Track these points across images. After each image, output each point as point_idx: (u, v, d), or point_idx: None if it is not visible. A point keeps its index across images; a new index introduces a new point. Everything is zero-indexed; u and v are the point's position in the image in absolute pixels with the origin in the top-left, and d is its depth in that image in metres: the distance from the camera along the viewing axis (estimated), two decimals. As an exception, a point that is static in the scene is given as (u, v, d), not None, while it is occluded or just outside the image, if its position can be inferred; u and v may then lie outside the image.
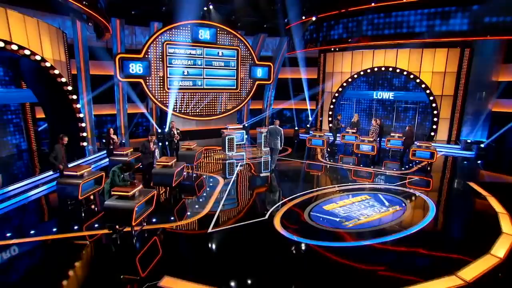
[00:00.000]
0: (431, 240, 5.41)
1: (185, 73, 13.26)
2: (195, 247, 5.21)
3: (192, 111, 13.87)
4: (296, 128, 16.26)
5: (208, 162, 10.48)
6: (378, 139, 11.13)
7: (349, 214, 6.31)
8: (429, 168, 9.85)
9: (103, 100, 13.07)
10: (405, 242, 5.34)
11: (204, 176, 8.73)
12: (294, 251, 5.03)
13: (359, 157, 10.98)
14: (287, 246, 5.19)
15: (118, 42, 12.14)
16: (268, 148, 9.28)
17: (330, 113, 15.95)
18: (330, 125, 16.20)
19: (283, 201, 6.89)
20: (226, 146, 11.01)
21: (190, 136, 13.70)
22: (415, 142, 10.36)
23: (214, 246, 5.22)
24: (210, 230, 5.69)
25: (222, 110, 14.73)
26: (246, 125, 16.63)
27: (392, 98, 14.94)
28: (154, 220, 6.03)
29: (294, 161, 10.60)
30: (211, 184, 8.11)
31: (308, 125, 16.61)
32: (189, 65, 13.28)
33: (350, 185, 8.17)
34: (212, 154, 11.63)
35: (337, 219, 6.10)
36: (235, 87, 14.73)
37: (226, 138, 10.97)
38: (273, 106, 18.18)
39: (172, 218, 6.15)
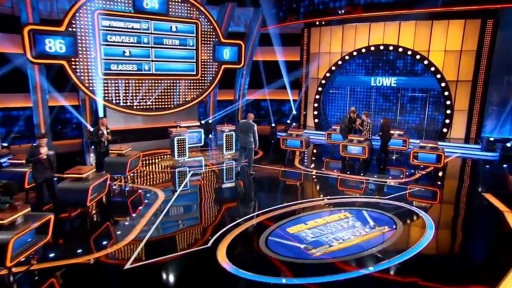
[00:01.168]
0: (423, 272, 5.19)
1: (126, 54, 12.83)
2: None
3: (139, 104, 13.52)
4: (273, 124, 16.10)
5: (149, 171, 10.20)
6: (371, 138, 11.04)
7: (319, 239, 6.08)
8: (440, 174, 9.89)
9: (14, 89, 12.45)
10: (388, 275, 5.09)
11: (140, 191, 8.44)
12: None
13: (348, 162, 10.97)
14: (228, 284, 4.86)
15: (28, 8, 11.48)
16: (237, 151, 9.35)
17: (316, 105, 15.85)
18: (314, 119, 16.02)
19: (237, 221, 6.71)
20: (175, 149, 10.67)
21: (136, 136, 13.48)
22: (419, 142, 10.25)
23: (128, 289, 4.84)
24: (128, 266, 5.31)
25: (179, 103, 14.51)
26: (210, 121, 16.38)
27: (395, 85, 14.95)
28: (52, 255, 5.59)
29: (265, 167, 10.60)
30: (146, 201, 7.82)
31: (288, 121, 16.46)
32: (132, 43, 12.86)
33: (328, 199, 8.07)
34: (157, 160, 11.36)
35: (302, 246, 5.83)
36: (194, 73, 14.51)
37: (175, 139, 10.64)
38: (247, 96, 18.12)
39: (80, 250, 5.72)
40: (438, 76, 13.63)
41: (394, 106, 15.55)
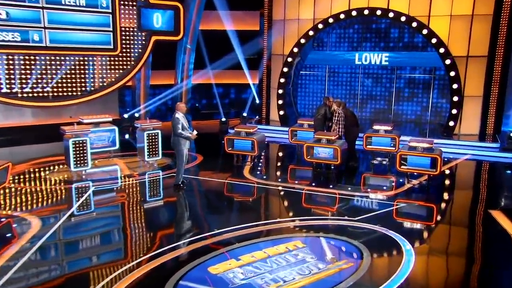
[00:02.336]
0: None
1: (2, 17, 12.38)
2: None
3: (30, 90, 13.22)
4: (223, 118, 16.12)
5: (27, 189, 9.78)
6: (342, 134, 11.16)
7: (251, 281, 5.89)
8: (437, 185, 10.04)
9: None
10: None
11: (4, 220, 8.00)
12: None
13: (315, 169, 11.08)
14: None
15: None
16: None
17: (280, 91, 15.84)
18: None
19: (141, 259, 6.54)
20: (71, 156, 10.29)
21: (21, 138, 13.27)
22: (408, 141, 10.25)
23: None
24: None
25: (93, 88, 14.28)
26: (138, 114, 16.27)
27: (387, 63, 15.10)
28: None
29: (203, 179, 10.71)
30: (8, 236, 7.40)
31: (245, 114, 16.61)
32: (10, 0, 12.31)
33: (279, 222, 8.00)
34: (43, 173, 11.00)
35: (224, 294, 5.63)
36: (111, 46, 14.31)
37: (70, 142, 10.29)
38: (193, 79, 18.24)
39: None
40: (442, 50, 13.74)
41: (387, 92, 15.69)
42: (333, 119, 11.10)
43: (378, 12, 14.22)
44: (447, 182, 10.71)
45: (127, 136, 14.61)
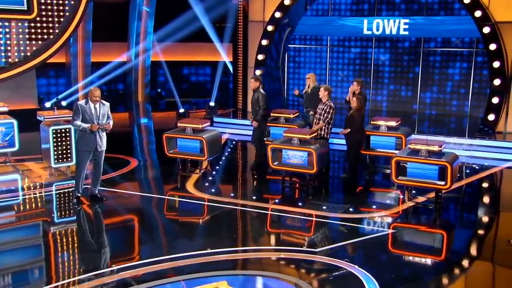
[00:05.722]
0: None
1: None
2: None
3: None
4: (181, 110, 16.48)
5: None
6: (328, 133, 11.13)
7: None
8: (471, 201, 10.44)
9: None
10: None
11: None
12: None
13: (287, 180, 11.08)
14: None
15: None
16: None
17: (258, 72, 15.94)
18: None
19: None
20: None
21: None
22: (408, 142, 10.26)
23: None
24: None
25: (9, 63, 14.50)
26: (65, 104, 16.21)
27: (406, 32, 15.22)
28: None
29: (125, 193, 10.82)
30: None
31: (212, 103, 16.93)
32: None
33: (206, 255, 7.85)
34: None
35: None
36: (24, 7, 14.49)
37: None
38: (153, 55, 18.94)
39: None
40: (478, 13, 13.69)
41: (410, 74, 15.75)
42: (319, 115, 10.96)
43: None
44: (470, 199, 10.89)
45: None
